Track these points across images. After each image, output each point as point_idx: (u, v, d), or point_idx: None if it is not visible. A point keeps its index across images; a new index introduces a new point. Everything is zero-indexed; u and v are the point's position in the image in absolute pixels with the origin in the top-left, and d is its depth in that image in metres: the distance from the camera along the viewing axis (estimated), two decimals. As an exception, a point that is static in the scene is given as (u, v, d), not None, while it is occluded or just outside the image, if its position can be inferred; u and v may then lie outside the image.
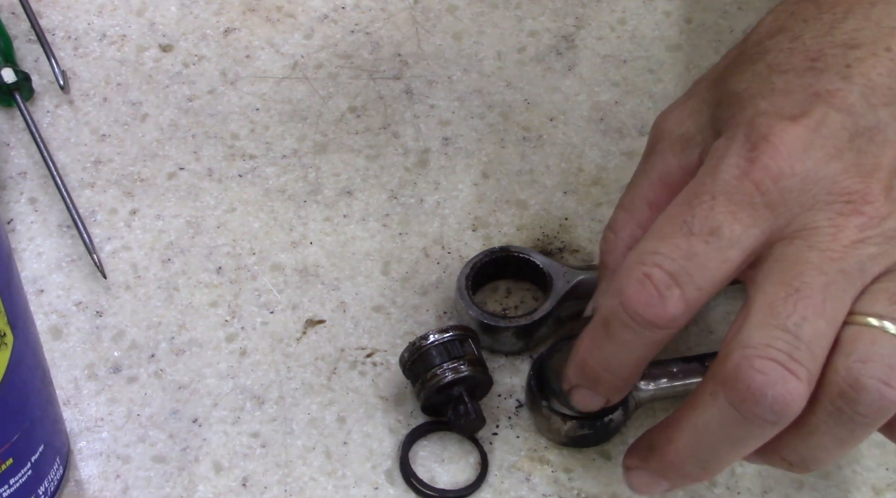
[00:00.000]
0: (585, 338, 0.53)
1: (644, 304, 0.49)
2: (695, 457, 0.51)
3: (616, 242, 0.55)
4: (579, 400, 0.55)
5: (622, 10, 0.76)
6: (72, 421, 0.61)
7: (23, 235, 0.67)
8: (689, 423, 0.51)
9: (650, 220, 0.53)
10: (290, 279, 0.66)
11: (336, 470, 0.60)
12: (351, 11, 0.76)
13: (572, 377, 0.55)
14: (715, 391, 0.49)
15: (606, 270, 0.56)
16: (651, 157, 0.55)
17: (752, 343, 0.48)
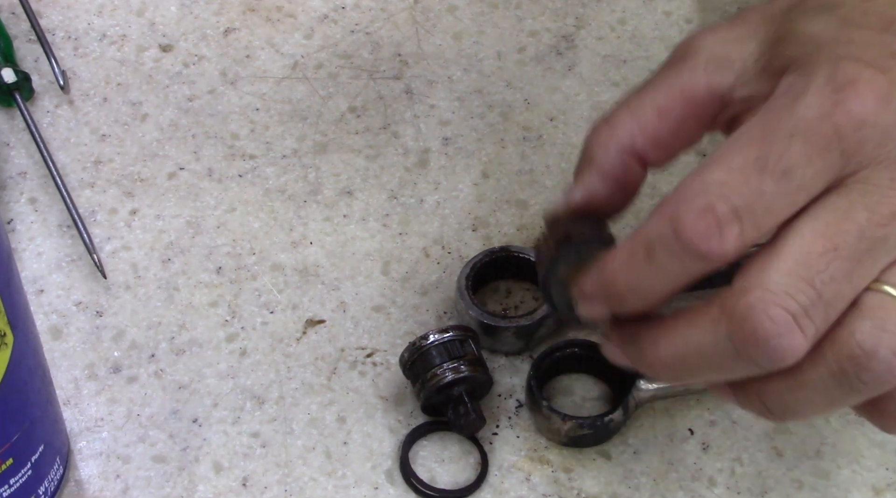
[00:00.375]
0: (620, 254, 0.50)
1: (700, 235, 0.47)
2: (671, 367, 0.50)
3: (610, 138, 0.52)
4: (587, 310, 0.52)
5: (622, 10, 0.76)
6: (72, 421, 0.61)
7: (23, 235, 0.67)
8: (680, 336, 0.49)
9: (654, 128, 0.52)
10: (290, 279, 0.66)
11: (336, 470, 0.60)
12: (351, 11, 0.76)
13: (591, 288, 0.51)
14: (719, 319, 0.47)
15: (591, 164, 0.53)
16: (677, 66, 0.53)
17: (774, 288, 0.47)
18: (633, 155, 0.53)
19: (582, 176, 0.54)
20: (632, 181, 0.53)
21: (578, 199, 0.53)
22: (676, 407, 0.62)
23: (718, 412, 0.62)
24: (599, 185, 0.53)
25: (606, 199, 0.53)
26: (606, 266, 0.50)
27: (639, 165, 0.53)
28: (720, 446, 0.61)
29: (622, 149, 0.52)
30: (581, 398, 0.63)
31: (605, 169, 0.53)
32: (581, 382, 0.63)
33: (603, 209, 0.54)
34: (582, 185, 0.53)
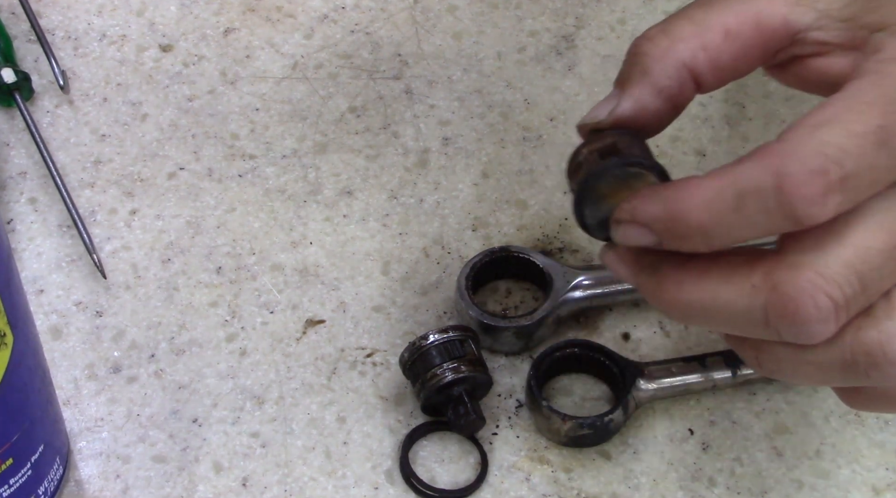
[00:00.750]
0: (697, 193, 0.46)
1: (805, 198, 0.44)
2: (686, 311, 0.48)
3: (669, 51, 0.49)
4: (630, 235, 0.48)
5: (622, 10, 0.76)
6: (72, 421, 0.61)
7: (23, 235, 0.67)
8: (711, 287, 0.47)
9: (717, 49, 0.49)
10: (290, 279, 0.66)
11: (336, 470, 0.60)
12: (351, 11, 0.76)
13: (649, 215, 0.47)
14: (760, 288, 0.45)
15: (645, 76, 0.49)
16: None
17: (827, 275, 0.45)
18: (690, 74, 0.49)
19: (631, 87, 0.50)
20: (682, 102, 0.50)
21: (627, 112, 0.50)
22: (676, 407, 0.62)
23: (718, 412, 0.62)
24: (651, 100, 0.50)
25: (654, 116, 0.50)
26: (681, 199, 0.46)
27: (692, 85, 0.50)
28: (720, 446, 0.61)
29: (682, 65, 0.49)
30: (581, 398, 0.63)
31: (660, 84, 0.49)
32: (581, 382, 0.63)
33: (647, 127, 0.50)
34: (631, 97, 0.50)
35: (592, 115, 0.51)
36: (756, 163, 0.45)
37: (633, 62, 0.50)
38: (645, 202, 0.47)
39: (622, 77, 0.51)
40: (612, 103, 0.50)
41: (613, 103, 0.50)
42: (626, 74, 0.51)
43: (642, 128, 0.50)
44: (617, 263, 0.50)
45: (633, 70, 0.50)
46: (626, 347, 0.64)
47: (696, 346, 0.64)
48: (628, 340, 0.64)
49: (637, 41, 0.51)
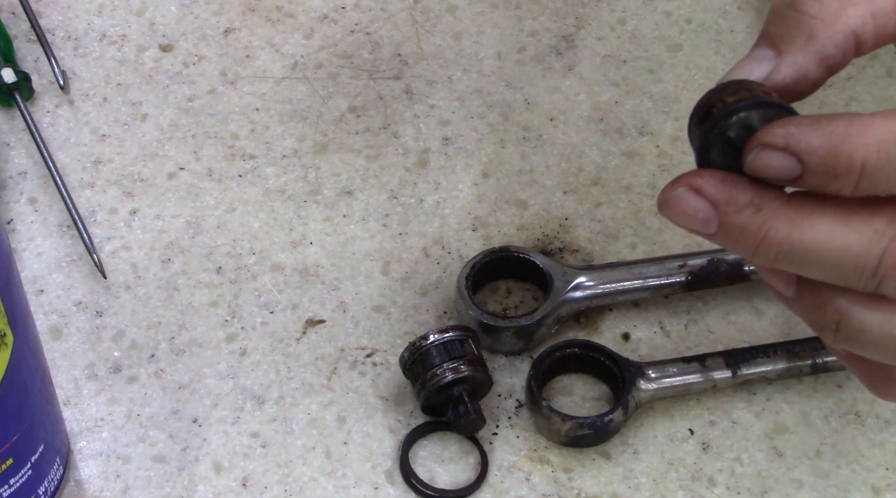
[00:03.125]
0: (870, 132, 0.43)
1: None
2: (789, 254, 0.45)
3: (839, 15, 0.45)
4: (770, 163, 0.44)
5: (622, 10, 0.76)
6: (72, 421, 0.61)
7: (23, 235, 0.67)
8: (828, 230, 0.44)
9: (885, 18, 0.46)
10: (290, 279, 0.66)
11: (336, 470, 0.60)
12: (351, 11, 0.76)
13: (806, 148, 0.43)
14: (883, 234, 0.43)
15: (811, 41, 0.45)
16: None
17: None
18: (856, 41, 0.46)
19: (794, 51, 0.46)
20: (838, 70, 0.47)
21: (787, 79, 0.46)
22: (676, 407, 0.62)
23: (718, 412, 0.62)
24: (814, 69, 0.46)
25: (812, 85, 0.46)
26: (851, 135, 0.43)
27: (853, 54, 0.46)
28: (720, 446, 0.61)
29: (851, 32, 0.45)
30: (581, 398, 0.63)
31: (826, 51, 0.46)
32: (581, 382, 0.63)
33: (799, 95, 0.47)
34: (794, 63, 0.46)
35: (743, 74, 0.46)
36: None
37: (794, 22, 0.46)
38: (806, 130, 0.43)
39: (778, 36, 0.46)
40: (766, 65, 0.46)
41: (768, 66, 0.46)
42: (784, 35, 0.46)
43: (795, 96, 0.47)
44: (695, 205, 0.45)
45: (794, 32, 0.46)
46: (626, 347, 0.64)
47: (696, 346, 0.64)
48: (628, 340, 0.64)
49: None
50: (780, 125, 0.44)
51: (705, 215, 0.45)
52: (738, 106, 0.44)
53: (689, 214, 0.45)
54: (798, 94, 0.46)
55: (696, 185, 0.45)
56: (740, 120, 0.44)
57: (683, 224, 0.46)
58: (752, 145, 0.44)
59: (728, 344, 0.64)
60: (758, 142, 0.44)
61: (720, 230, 0.45)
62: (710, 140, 0.45)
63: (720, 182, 0.45)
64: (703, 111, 0.45)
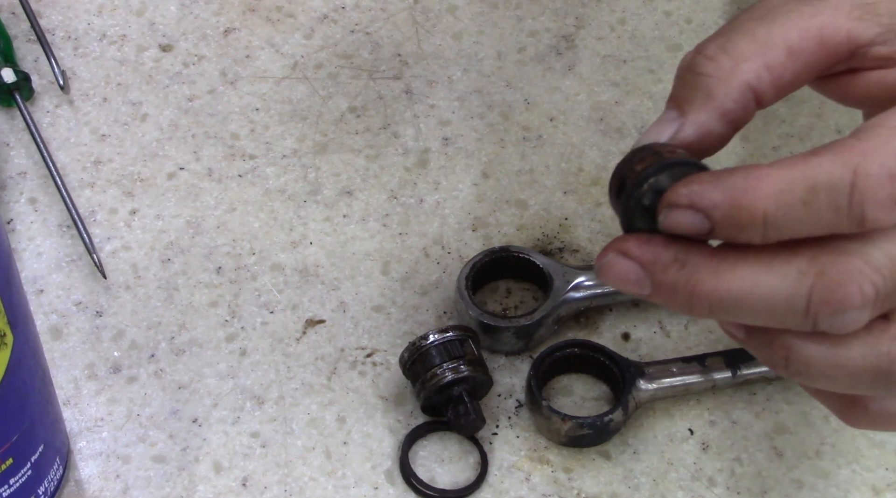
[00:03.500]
0: (766, 183, 0.44)
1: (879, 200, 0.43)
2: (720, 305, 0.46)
3: (733, 72, 0.47)
4: (680, 221, 0.45)
5: (622, 10, 0.76)
6: (72, 421, 0.61)
7: (23, 235, 0.67)
8: (753, 277, 0.45)
9: (781, 68, 0.48)
10: (290, 279, 0.66)
11: (336, 470, 0.60)
12: (351, 11, 0.76)
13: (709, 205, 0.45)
14: (806, 273, 0.44)
15: (709, 100, 0.47)
16: (815, 3, 0.48)
17: (874, 265, 0.44)
18: (754, 94, 0.48)
19: (695, 110, 0.48)
20: (743, 123, 0.48)
21: (692, 138, 0.48)
22: (676, 407, 0.62)
23: (718, 412, 0.62)
24: (715, 125, 0.48)
25: (717, 140, 0.48)
26: (750, 187, 0.44)
27: (754, 105, 0.48)
28: (720, 446, 0.61)
29: (746, 87, 0.47)
30: (581, 398, 0.63)
31: (725, 107, 0.48)
32: (581, 382, 0.63)
33: (708, 151, 0.49)
34: (696, 122, 0.48)
35: (652, 138, 0.49)
36: (834, 158, 0.44)
37: (692, 83, 0.48)
38: (708, 187, 0.45)
39: (681, 98, 0.49)
40: (671, 126, 0.49)
41: (673, 127, 0.49)
42: (686, 96, 0.48)
43: (704, 152, 0.49)
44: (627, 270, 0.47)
45: (693, 92, 0.48)
46: (626, 347, 0.64)
47: (696, 346, 0.64)
48: (628, 340, 0.64)
49: (695, 60, 0.48)
50: (685, 184, 0.45)
51: (637, 277, 0.47)
52: (646, 173, 0.46)
53: (623, 278, 0.47)
54: (706, 150, 0.48)
55: (622, 249, 0.47)
56: (651, 186, 0.46)
57: (621, 287, 0.48)
58: (662, 206, 0.46)
59: (728, 344, 0.64)
60: (666, 203, 0.46)
61: (654, 290, 0.47)
62: (630, 211, 0.47)
63: (644, 244, 0.47)
64: (618, 184, 0.47)
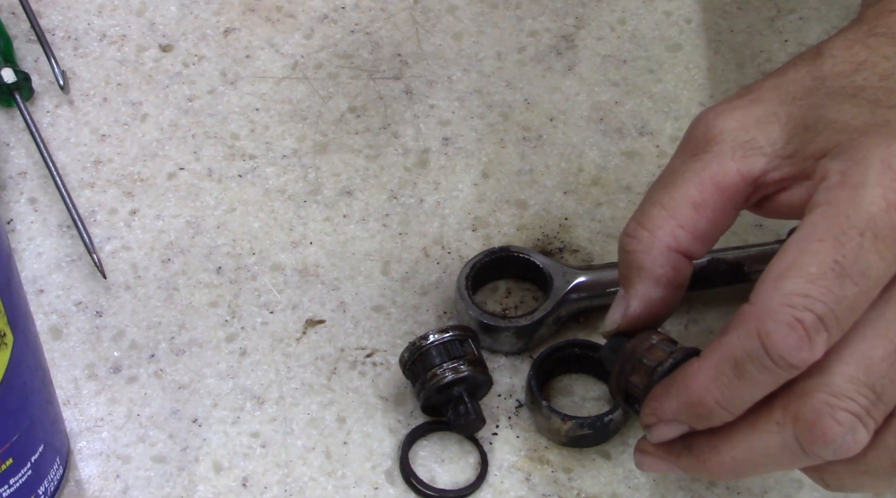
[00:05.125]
0: (701, 377, 0.50)
1: (792, 348, 0.47)
2: (735, 469, 0.51)
3: (652, 242, 0.53)
4: (664, 434, 0.52)
5: (622, 10, 0.76)
6: (72, 421, 0.61)
7: (23, 235, 0.67)
8: (743, 441, 0.50)
9: (693, 223, 0.52)
10: (290, 279, 0.66)
11: (336, 470, 0.60)
12: (351, 11, 0.76)
13: (672, 414, 0.51)
14: (784, 423, 0.49)
15: (641, 273, 0.53)
16: (702, 156, 0.53)
17: (838, 392, 0.48)
18: (678, 253, 0.53)
19: (633, 285, 0.54)
20: (682, 279, 0.54)
21: (638, 310, 0.54)
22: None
23: (718, 412, 0.62)
24: (654, 291, 0.53)
25: (663, 304, 0.54)
26: (691, 386, 0.50)
27: (685, 261, 0.53)
28: (720, 446, 0.61)
29: (667, 250, 0.53)
30: (581, 398, 0.63)
31: (656, 274, 0.53)
32: (581, 382, 0.63)
33: (660, 315, 0.54)
34: (636, 295, 0.54)
35: (611, 321, 0.55)
36: (737, 331, 0.48)
37: (626, 262, 0.54)
38: (662, 401, 0.51)
39: (623, 279, 0.54)
40: (622, 307, 0.54)
41: (623, 307, 0.54)
42: (625, 275, 0.54)
43: (657, 317, 0.54)
44: (648, 464, 0.54)
45: (629, 270, 0.54)
46: (626, 347, 0.64)
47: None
48: (628, 340, 0.64)
49: (622, 240, 0.54)
50: (647, 404, 0.52)
51: (666, 466, 0.53)
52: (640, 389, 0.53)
53: (656, 470, 0.54)
54: (657, 316, 0.54)
55: (643, 449, 0.54)
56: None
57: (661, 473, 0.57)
58: (644, 429, 0.53)
59: (728, 344, 0.64)
60: (644, 425, 0.53)
61: (684, 471, 0.53)
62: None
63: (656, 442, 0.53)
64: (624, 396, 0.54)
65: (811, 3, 0.76)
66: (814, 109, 0.52)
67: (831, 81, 0.52)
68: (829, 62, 0.53)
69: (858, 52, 0.53)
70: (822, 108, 0.51)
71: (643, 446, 0.54)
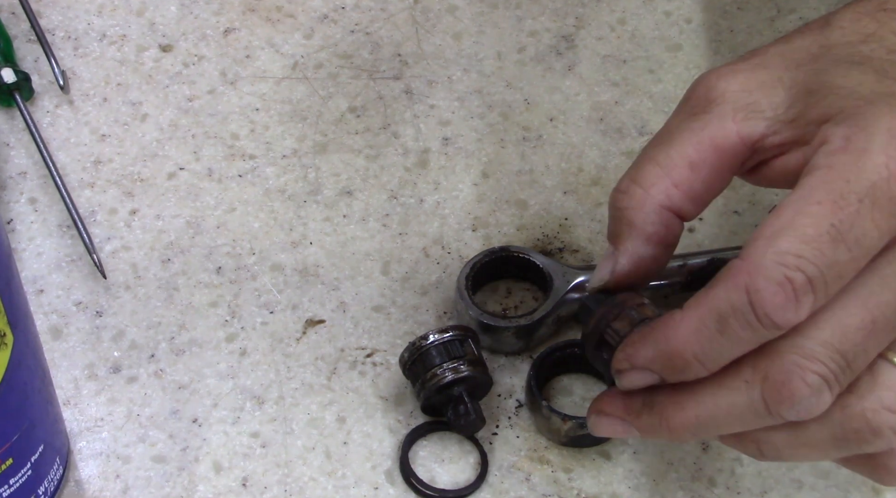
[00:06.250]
0: (682, 328, 0.49)
1: (778, 307, 0.47)
2: (696, 428, 0.51)
3: (645, 199, 0.52)
4: (633, 381, 0.51)
5: (622, 10, 0.76)
6: (72, 421, 0.61)
7: (23, 235, 0.67)
8: (709, 398, 0.50)
9: (688, 182, 0.52)
10: (290, 279, 0.66)
11: (336, 470, 0.60)
12: (351, 11, 0.76)
13: (646, 362, 0.51)
14: (753, 382, 0.48)
15: (631, 229, 0.53)
16: (702, 116, 0.52)
17: (810, 354, 0.48)
18: (671, 212, 0.52)
19: (623, 242, 0.53)
20: (673, 238, 0.53)
21: (626, 267, 0.53)
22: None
23: (718, 412, 0.62)
24: (644, 249, 0.53)
25: (653, 262, 0.53)
26: (671, 337, 0.50)
27: (677, 221, 0.53)
28: (720, 446, 0.61)
29: (660, 208, 0.52)
30: (581, 398, 0.63)
31: (647, 231, 0.53)
32: (581, 382, 0.63)
33: (648, 273, 0.54)
34: (626, 252, 0.53)
35: (599, 278, 0.54)
36: (726, 285, 0.48)
37: (617, 218, 0.53)
38: (638, 348, 0.51)
39: (612, 235, 0.54)
40: (610, 263, 0.54)
41: (612, 263, 0.54)
42: (614, 231, 0.54)
43: (645, 275, 0.54)
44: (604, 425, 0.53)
45: (619, 226, 0.53)
46: (626, 347, 0.64)
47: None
48: (628, 340, 0.64)
49: (614, 196, 0.53)
50: (621, 349, 0.52)
51: (622, 427, 0.53)
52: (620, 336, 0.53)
53: (611, 432, 0.54)
54: (645, 275, 0.54)
55: (599, 409, 0.54)
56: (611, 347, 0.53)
57: (615, 436, 0.56)
58: (614, 374, 0.52)
59: (728, 344, 0.64)
60: (614, 369, 0.52)
61: (641, 432, 0.53)
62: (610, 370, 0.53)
63: (615, 399, 0.53)
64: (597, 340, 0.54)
65: (811, 3, 0.76)
66: (818, 75, 0.51)
67: (838, 50, 0.52)
68: (836, 32, 0.53)
69: (867, 24, 0.52)
70: (827, 74, 0.51)
71: (600, 407, 0.53)
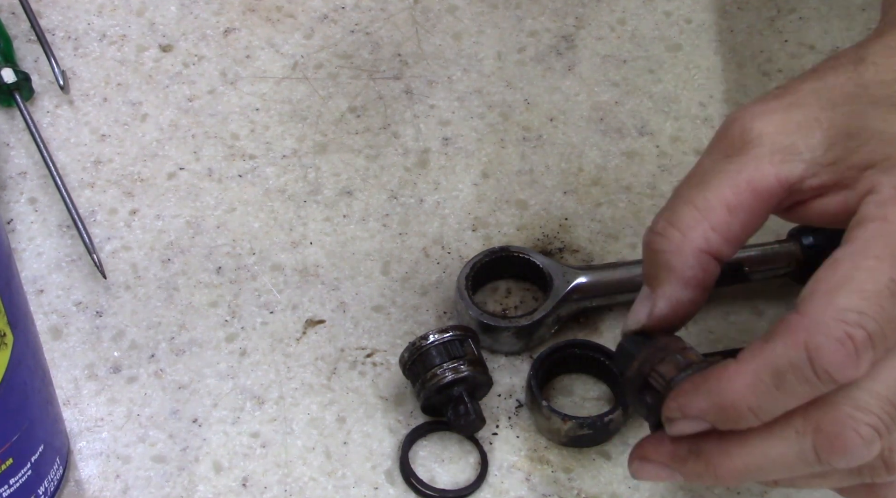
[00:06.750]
0: (738, 381, 0.49)
1: (839, 364, 0.47)
2: (744, 475, 0.51)
3: (683, 243, 0.52)
4: (684, 429, 0.51)
5: (622, 10, 0.76)
6: (72, 421, 0.61)
7: (23, 235, 0.67)
8: (759, 447, 0.50)
9: (726, 225, 0.51)
10: (290, 279, 0.66)
11: (336, 470, 0.60)
12: (351, 11, 0.76)
13: (699, 413, 0.50)
14: (804, 432, 0.49)
15: (670, 273, 0.52)
16: (739, 158, 0.52)
17: (864, 407, 0.48)
18: (708, 255, 0.52)
19: (661, 285, 0.53)
20: (710, 281, 0.53)
21: (665, 311, 0.53)
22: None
23: (718, 412, 0.62)
24: (682, 293, 0.53)
25: (690, 305, 0.53)
26: (726, 389, 0.49)
27: (714, 263, 0.53)
28: (720, 446, 0.61)
29: (699, 252, 0.52)
30: (581, 398, 0.63)
31: (686, 276, 0.52)
32: (581, 382, 0.63)
33: (686, 316, 0.54)
34: (664, 296, 0.53)
35: (636, 320, 0.54)
36: (784, 340, 0.47)
37: (654, 261, 0.53)
38: (691, 397, 0.50)
39: (649, 277, 0.53)
40: (648, 305, 0.53)
41: (649, 305, 0.53)
42: (651, 274, 0.53)
43: (682, 318, 0.53)
44: (647, 472, 0.53)
45: (657, 269, 0.53)
46: (626, 347, 0.64)
47: (696, 345, 0.64)
48: (628, 340, 0.64)
49: (650, 238, 0.53)
50: (673, 398, 0.51)
51: (667, 473, 0.52)
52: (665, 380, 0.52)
53: (655, 478, 0.53)
54: (683, 317, 0.53)
55: (642, 455, 0.53)
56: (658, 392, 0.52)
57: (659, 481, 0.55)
58: (665, 422, 0.51)
59: (728, 344, 0.64)
60: (665, 418, 0.51)
61: (685, 478, 0.52)
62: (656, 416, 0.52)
63: (660, 445, 0.52)
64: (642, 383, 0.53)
65: (811, 3, 0.76)
66: (857, 118, 0.51)
67: (874, 89, 0.52)
68: (871, 69, 0.52)
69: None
70: (865, 117, 0.51)
71: (644, 453, 0.53)
